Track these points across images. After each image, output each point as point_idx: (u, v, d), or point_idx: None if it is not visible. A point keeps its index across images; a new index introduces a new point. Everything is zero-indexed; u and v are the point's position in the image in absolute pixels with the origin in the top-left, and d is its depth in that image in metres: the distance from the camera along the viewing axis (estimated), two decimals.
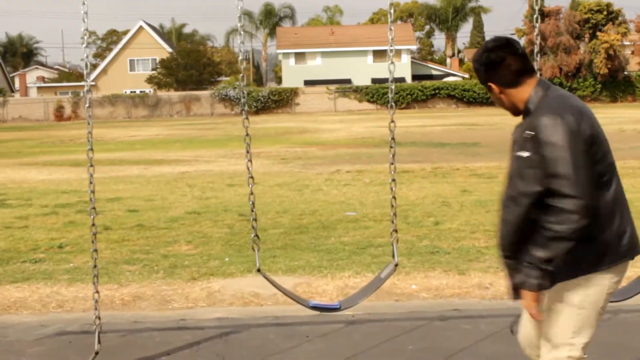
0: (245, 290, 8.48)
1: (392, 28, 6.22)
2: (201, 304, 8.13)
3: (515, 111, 4.27)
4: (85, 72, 5.21)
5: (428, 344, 6.59)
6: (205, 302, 8.16)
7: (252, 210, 6.10)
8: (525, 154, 3.97)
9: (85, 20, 4.71)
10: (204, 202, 15.29)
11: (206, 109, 76.93)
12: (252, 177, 6.10)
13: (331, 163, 23.06)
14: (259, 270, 6.03)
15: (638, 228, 4.20)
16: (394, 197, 6.24)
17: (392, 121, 6.21)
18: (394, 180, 6.24)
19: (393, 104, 6.42)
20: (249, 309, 7.87)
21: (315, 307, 6.36)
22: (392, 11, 5.34)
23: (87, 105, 5.09)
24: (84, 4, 4.71)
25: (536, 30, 6.70)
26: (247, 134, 5.96)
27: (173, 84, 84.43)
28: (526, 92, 4.14)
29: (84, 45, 4.97)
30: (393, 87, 6.47)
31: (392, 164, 6.27)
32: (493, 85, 4.17)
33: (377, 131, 37.97)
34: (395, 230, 6.34)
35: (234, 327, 7.20)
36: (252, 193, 6.01)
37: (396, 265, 6.35)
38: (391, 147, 6.30)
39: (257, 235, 6.11)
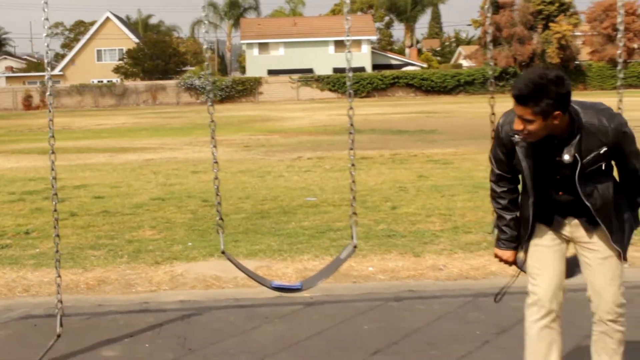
0: (207, 273, 8.46)
1: (349, 18, 6.20)
2: (164, 287, 8.10)
3: (555, 132, 4.41)
4: (46, 61, 5.17)
5: (383, 324, 6.60)
6: (168, 286, 8.13)
7: (217, 194, 6.06)
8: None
9: (46, 10, 4.67)
10: (168, 188, 15.24)
11: (172, 98, 76.64)
12: (216, 162, 6.05)
13: (293, 150, 23.06)
14: (223, 252, 5.99)
15: None
16: (354, 182, 6.23)
17: (351, 108, 6.21)
18: (353, 165, 6.24)
19: (352, 92, 6.42)
20: (210, 292, 7.85)
21: (277, 288, 6.34)
22: (348, 1, 5.32)
23: (48, 93, 5.05)
24: None
25: (488, 20, 6.72)
26: (212, 121, 5.92)
27: (140, 74, 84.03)
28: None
29: (45, 34, 4.93)
30: (351, 75, 6.47)
31: (351, 149, 6.27)
32: (558, 113, 4.27)
33: (338, 119, 38.01)
34: (355, 213, 6.34)
35: (195, 310, 7.18)
36: (216, 178, 5.97)
37: (355, 246, 6.33)
38: (350, 133, 6.29)
39: (221, 219, 6.07)
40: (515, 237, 4.79)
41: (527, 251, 4.77)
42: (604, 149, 4.42)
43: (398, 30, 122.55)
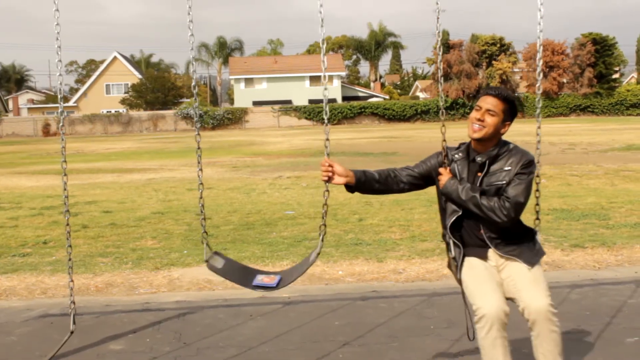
0: (200, 277, 8.43)
1: (325, 60, 6.20)
2: (163, 289, 8.06)
3: (489, 138, 4.65)
4: (59, 97, 5.16)
5: (351, 320, 6.60)
6: (167, 288, 8.09)
7: (202, 212, 5.96)
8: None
9: (59, 53, 4.67)
10: (167, 204, 15.17)
11: (170, 125, 76.41)
12: (202, 184, 5.98)
13: (274, 170, 23.03)
14: (206, 261, 5.83)
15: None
16: (327, 201, 6.21)
17: (327, 140, 6.14)
18: (327, 190, 6.22)
19: (327, 121, 6.41)
20: (202, 293, 7.82)
21: (256, 286, 6.15)
22: (323, 46, 5.33)
23: (60, 124, 5.03)
24: (57, 39, 4.66)
25: (440, 57, 6.74)
26: (199, 147, 5.87)
27: (142, 105, 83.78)
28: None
29: (58, 74, 4.92)
30: (327, 108, 6.47)
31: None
32: (508, 123, 4.70)
33: (314, 143, 38.02)
34: (324, 225, 6.22)
35: (190, 309, 7.14)
36: (201, 197, 5.89)
37: (318, 253, 6.10)
38: (327, 154, 6.26)
39: (205, 232, 5.97)
40: (362, 177, 4.88)
41: (461, 271, 4.71)
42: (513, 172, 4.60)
43: (364, 67, 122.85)
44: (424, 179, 4.89)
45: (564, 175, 18.12)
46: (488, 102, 4.58)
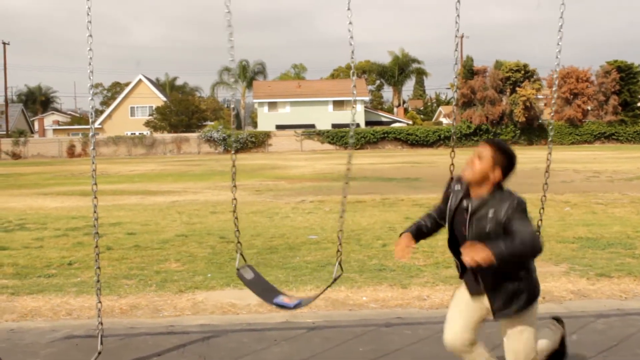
0: (224, 301, 8.44)
1: (355, 83, 6.22)
2: (187, 312, 8.07)
3: (478, 182, 4.66)
4: (90, 120, 5.21)
5: (375, 346, 6.58)
6: (191, 311, 8.11)
7: (236, 224, 5.97)
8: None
9: (91, 77, 4.72)
10: (190, 226, 15.21)
11: (194, 148, 76.77)
12: (235, 199, 5.99)
13: (297, 194, 23.05)
14: (238, 270, 5.89)
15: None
16: (342, 227, 6.21)
17: (349, 165, 6.20)
18: (342, 214, 6.23)
19: (352, 146, 6.42)
20: (227, 317, 7.83)
21: (277, 304, 6.13)
22: (353, 69, 5.35)
23: (91, 147, 5.09)
24: (89, 64, 4.72)
25: (455, 85, 6.76)
26: (234, 166, 5.89)
27: (167, 127, 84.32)
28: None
29: (90, 98, 4.98)
30: (353, 133, 6.47)
31: (344, 196, 6.23)
32: (498, 170, 4.64)
33: (336, 167, 38.07)
34: (339, 251, 6.13)
35: (214, 332, 7.16)
36: (235, 210, 5.87)
37: (339, 276, 6.07)
38: (346, 182, 6.28)
39: (239, 242, 6.01)
40: (416, 229, 5.02)
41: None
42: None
43: (387, 92, 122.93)
44: None
45: (588, 204, 18.01)
46: (480, 148, 4.70)
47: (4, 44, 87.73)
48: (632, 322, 7.21)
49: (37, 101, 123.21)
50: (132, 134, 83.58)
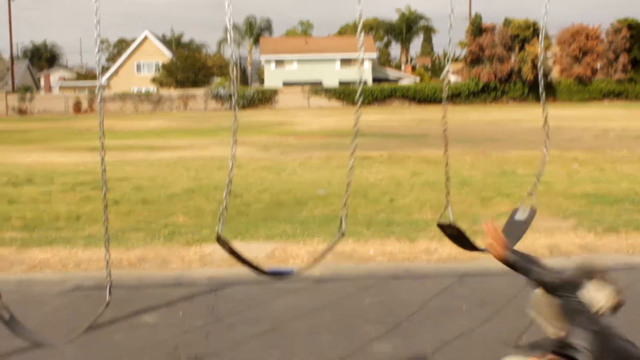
0: None
1: (362, 39, 6.16)
2: (195, 265, 8.12)
3: None
4: (98, 72, 5.17)
5: (382, 299, 6.62)
6: (198, 264, 8.15)
7: (228, 185, 5.24)
8: None
9: (98, 27, 4.66)
10: (198, 181, 15.23)
11: (200, 104, 76.58)
12: (233, 160, 5.37)
13: (305, 150, 23.01)
14: (218, 239, 5.16)
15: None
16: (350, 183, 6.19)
17: (357, 121, 5.81)
18: (352, 165, 6.20)
19: (361, 97, 6.30)
20: (234, 269, 7.82)
21: (272, 273, 5.88)
22: (360, 25, 5.25)
23: (99, 100, 5.05)
24: (96, 14, 4.66)
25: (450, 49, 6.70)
26: (235, 119, 5.38)
27: (173, 84, 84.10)
28: None
29: (97, 50, 4.93)
30: (362, 87, 6.41)
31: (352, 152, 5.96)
32: None
33: (344, 124, 37.96)
34: (345, 205, 5.79)
35: (222, 284, 7.21)
36: (231, 170, 5.17)
37: (342, 234, 5.76)
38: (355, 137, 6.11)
39: (226, 209, 5.31)
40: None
41: None
42: None
43: (395, 49, 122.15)
44: None
45: (597, 161, 17.96)
46: None
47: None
48: (639, 276, 7.23)
49: (43, 58, 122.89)
50: (138, 90, 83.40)
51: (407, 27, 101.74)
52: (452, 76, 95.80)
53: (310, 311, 6.31)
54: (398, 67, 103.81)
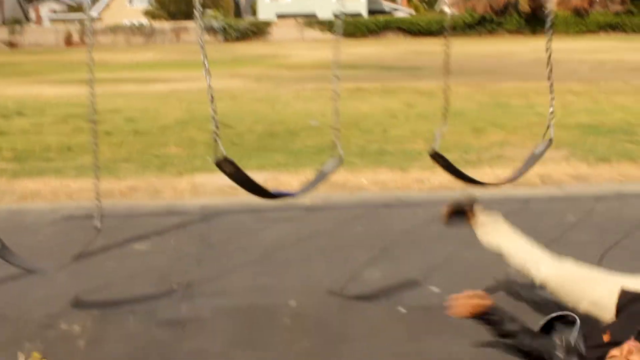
0: (224, 183, 8.40)
1: None
2: (187, 194, 8.12)
3: None
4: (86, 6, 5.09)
5: (375, 227, 6.65)
6: (190, 193, 8.16)
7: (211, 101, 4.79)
8: None
9: None
10: (190, 113, 15.14)
11: (193, 37, 75.96)
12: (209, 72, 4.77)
13: (298, 82, 22.86)
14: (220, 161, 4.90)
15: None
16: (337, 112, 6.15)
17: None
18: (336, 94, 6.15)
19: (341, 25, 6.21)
20: (226, 199, 7.86)
21: (276, 194, 5.84)
22: None
23: (89, 27, 4.98)
24: None
25: None
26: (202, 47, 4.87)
27: (165, 16, 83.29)
28: None
29: None
30: (342, 17, 6.30)
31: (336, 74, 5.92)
32: None
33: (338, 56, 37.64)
34: (338, 129, 5.75)
35: (214, 213, 7.22)
36: (209, 86, 4.70)
37: (341, 159, 5.72)
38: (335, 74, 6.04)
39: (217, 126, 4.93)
40: None
41: None
42: None
43: None
44: None
45: (592, 92, 17.89)
46: None
47: None
48: (630, 203, 7.27)
49: None
50: (130, 23, 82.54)
51: None
52: (447, 8, 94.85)
53: (301, 239, 6.34)
54: None
